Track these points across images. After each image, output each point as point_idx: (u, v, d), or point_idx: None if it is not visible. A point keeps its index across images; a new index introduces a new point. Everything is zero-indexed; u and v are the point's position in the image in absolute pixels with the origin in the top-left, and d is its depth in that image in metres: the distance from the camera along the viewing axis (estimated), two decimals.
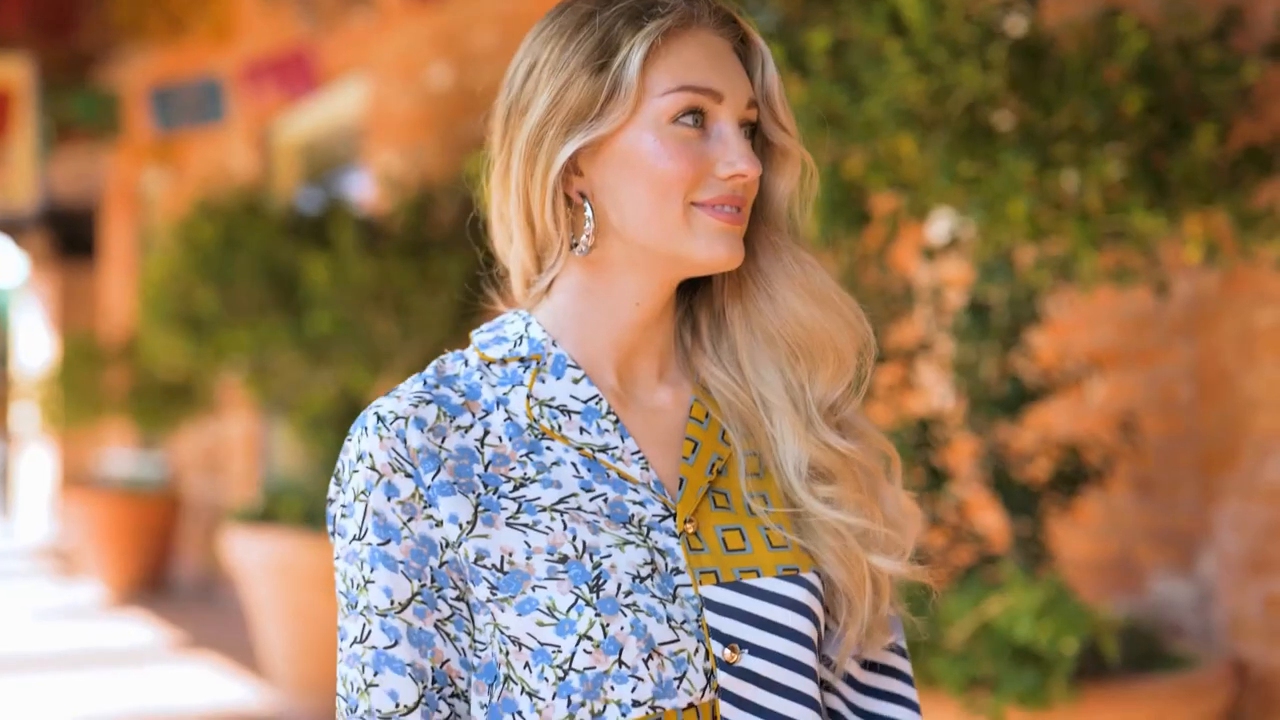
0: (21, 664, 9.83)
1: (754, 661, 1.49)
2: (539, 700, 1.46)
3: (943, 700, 3.49)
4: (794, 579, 1.53)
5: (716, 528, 1.54)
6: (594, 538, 1.48)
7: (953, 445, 4.07)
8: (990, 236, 3.59)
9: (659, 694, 1.45)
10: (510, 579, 1.47)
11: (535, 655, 1.46)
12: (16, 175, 11.29)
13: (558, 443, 1.54)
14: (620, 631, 1.44)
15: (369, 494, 1.49)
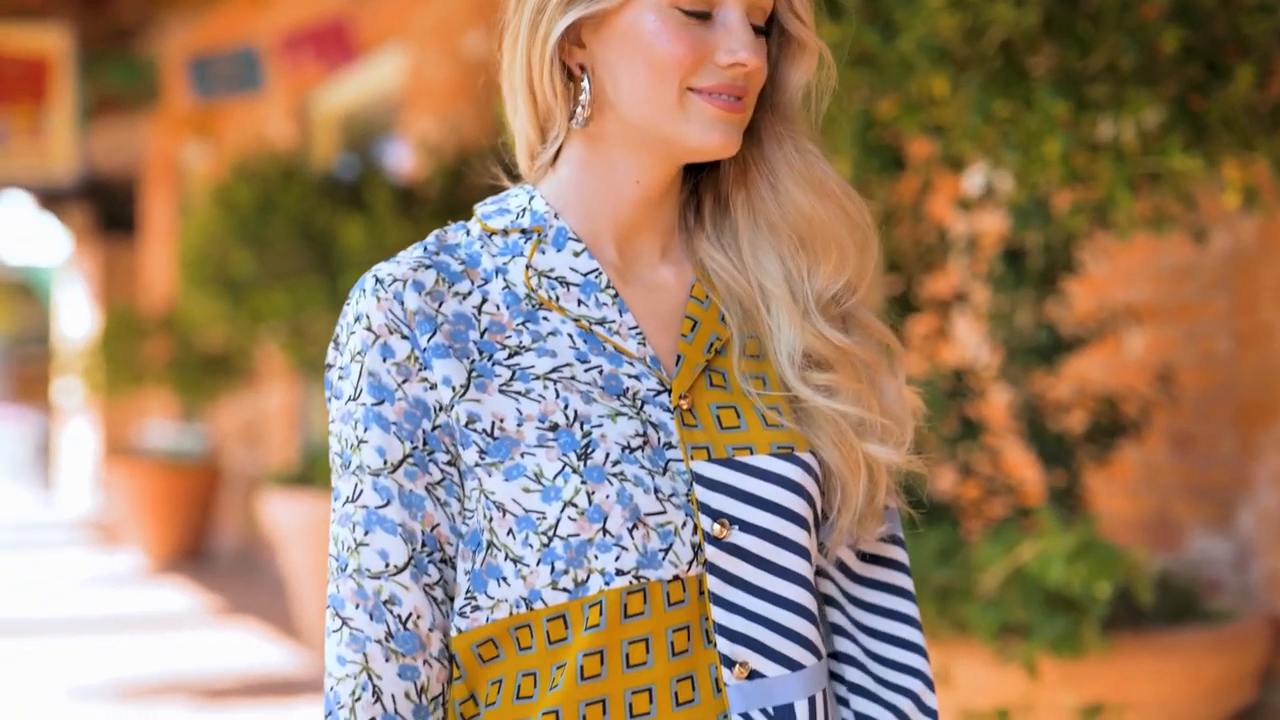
0: (65, 628, 9.92)
1: (744, 538, 1.48)
2: (523, 566, 1.45)
3: (975, 647, 3.46)
4: (788, 457, 1.52)
5: (711, 405, 1.53)
6: (586, 407, 1.48)
7: (987, 396, 4.03)
8: (1025, 179, 3.54)
9: (643, 564, 1.45)
10: (500, 444, 1.46)
11: (519, 522, 1.45)
12: (56, 145, 11.33)
13: (555, 314, 1.53)
14: (605, 500, 1.44)
15: (364, 354, 1.49)
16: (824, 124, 3.89)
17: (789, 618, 1.50)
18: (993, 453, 3.95)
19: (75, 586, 11.85)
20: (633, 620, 1.45)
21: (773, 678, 1.48)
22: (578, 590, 1.45)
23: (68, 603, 11.07)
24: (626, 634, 1.45)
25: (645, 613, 1.45)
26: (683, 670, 1.46)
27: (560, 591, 1.45)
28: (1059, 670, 3.40)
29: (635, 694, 1.45)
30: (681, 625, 1.46)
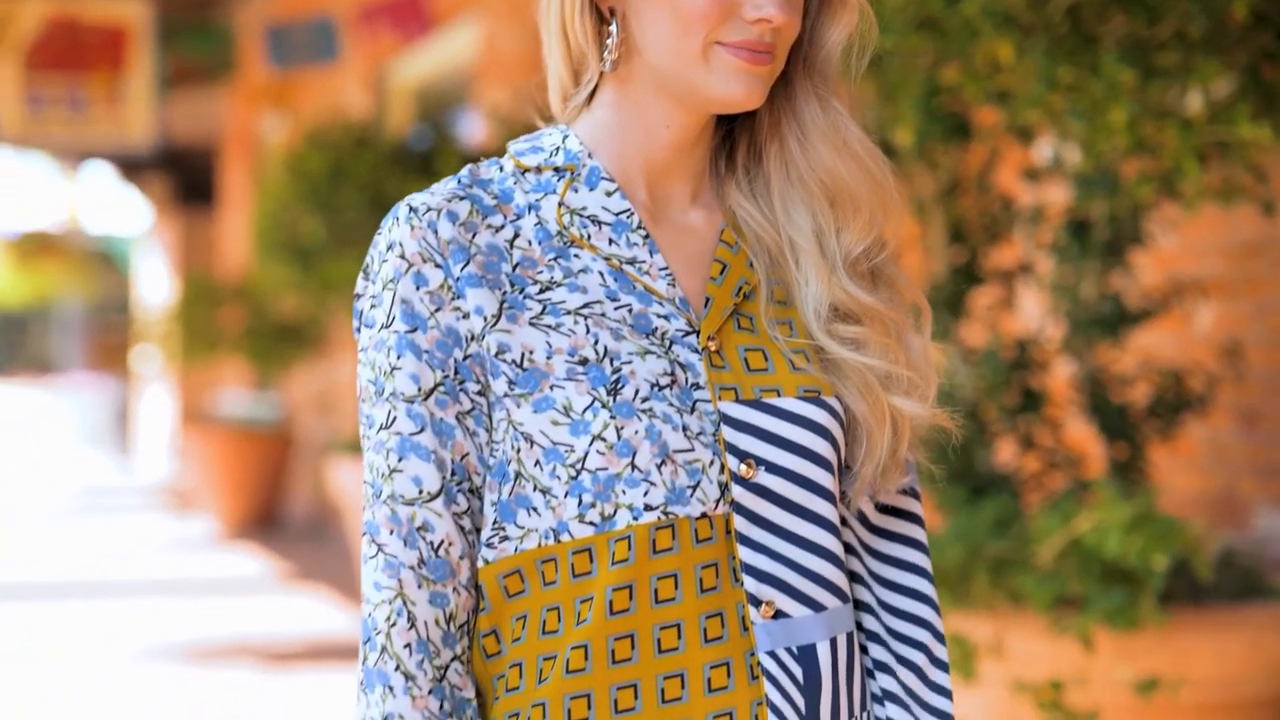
0: (137, 591, 10.06)
1: (770, 479, 1.50)
2: (551, 498, 1.47)
3: (1030, 619, 3.43)
4: (815, 401, 1.53)
5: (739, 347, 1.54)
6: (616, 344, 1.49)
7: (1051, 369, 3.99)
8: (1090, 148, 3.50)
9: (671, 500, 1.46)
10: (529, 375, 1.48)
11: (547, 454, 1.47)
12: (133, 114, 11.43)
13: (586, 252, 1.54)
14: (635, 435, 1.45)
15: (397, 282, 1.49)
16: (888, 91, 3.88)
17: (813, 560, 1.52)
18: (1054, 425, 3.91)
19: (149, 551, 12.01)
20: (662, 556, 1.46)
21: (797, 618, 1.50)
22: (604, 525, 1.46)
23: (141, 567, 11.22)
24: (655, 569, 1.46)
25: (674, 548, 1.46)
26: (711, 607, 1.47)
27: (587, 525, 1.46)
28: (1115, 643, 3.36)
29: (664, 629, 1.46)
30: (710, 562, 1.48)
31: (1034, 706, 3.36)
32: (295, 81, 12.99)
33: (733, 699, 1.46)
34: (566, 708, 1.45)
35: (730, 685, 1.47)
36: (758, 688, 1.47)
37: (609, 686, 1.45)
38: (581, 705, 1.45)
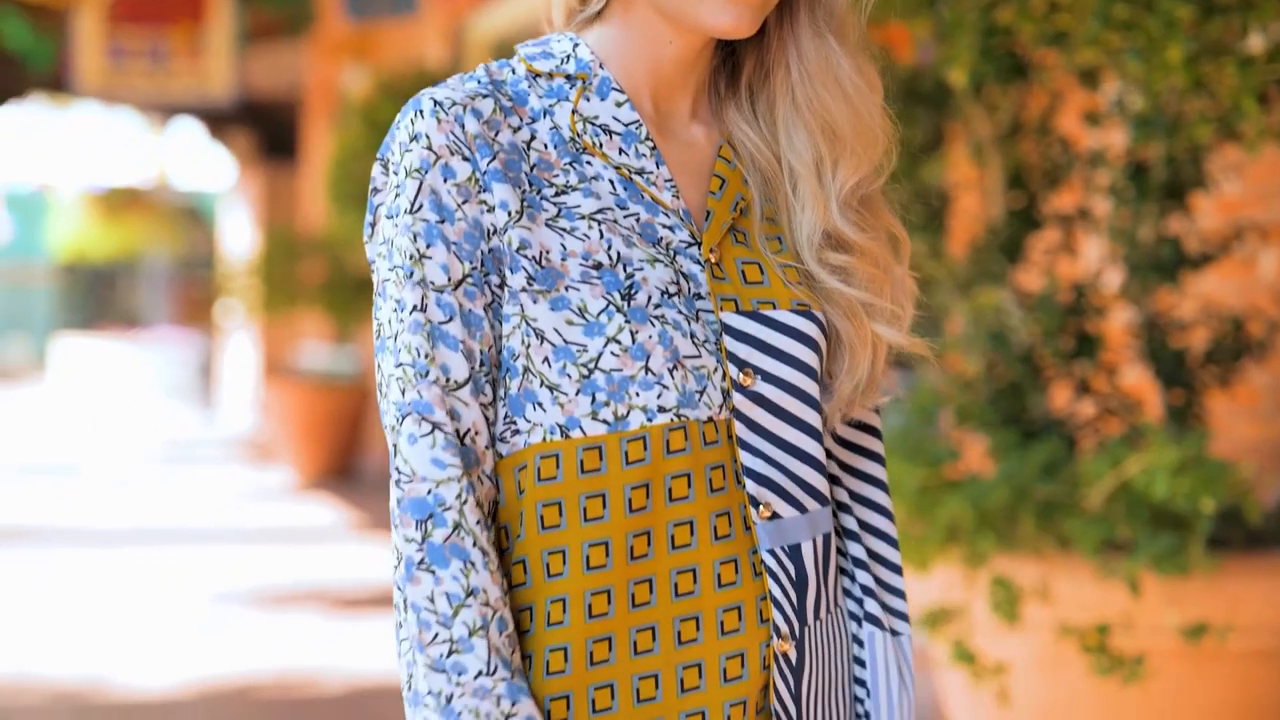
0: (214, 538, 10.21)
1: (766, 387, 1.56)
2: (560, 394, 1.50)
3: (1077, 563, 3.40)
4: (806, 314, 1.60)
5: (737, 260, 1.60)
6: (628, 250, 1.53)
7: (1108, 314, 3.94)
8: (1147, 87, 3.45)
9: (683, 403, 1.52)
10: (547, 274, 1.51)
11: (557, 351, 1.50)
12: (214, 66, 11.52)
13: (597, 160, 1.58)
14: (649, 340, 1.50)
15: (426, 173, 1.51)
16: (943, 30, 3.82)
17: (801, 466, 1.59)
18: (1110, 371, 3.86)
19: (228, 500, 12.17)
20: (675, 456, 1.51)
21: (787, 519, 1.57)
22: (618, 424, 1.50)
23: (220, 515, 11.38)
24: (670, 469, 1.51)
25: (686, 449, 1.52)
26: (720, 506, 1.53)
27: (600, 423, 1.50)
28: (1163, 588, 3.33)
29: (678, 526, 1.51)
30: (717, 464, 1.54)
31: (1079, 650, 3.33)
32: (374, 35, 13.04)
33: (740, 594, 1.53)
34: (587, 603, 1.48)
35: (738, 581, 1.53)
36: (761, 584, 1.55)
37: (627, 582, 1.49)
38: (602, 600, 1.49)
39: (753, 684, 1.53)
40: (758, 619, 1.54)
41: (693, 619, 1.51)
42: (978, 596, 3.47)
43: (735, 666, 1.52)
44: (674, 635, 1.51)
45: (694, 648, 1.51)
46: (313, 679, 6.46)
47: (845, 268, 1.62)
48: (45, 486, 12.90)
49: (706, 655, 1.52)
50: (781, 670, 1.55)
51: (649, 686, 1.50)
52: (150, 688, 6.25)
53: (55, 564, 9.13)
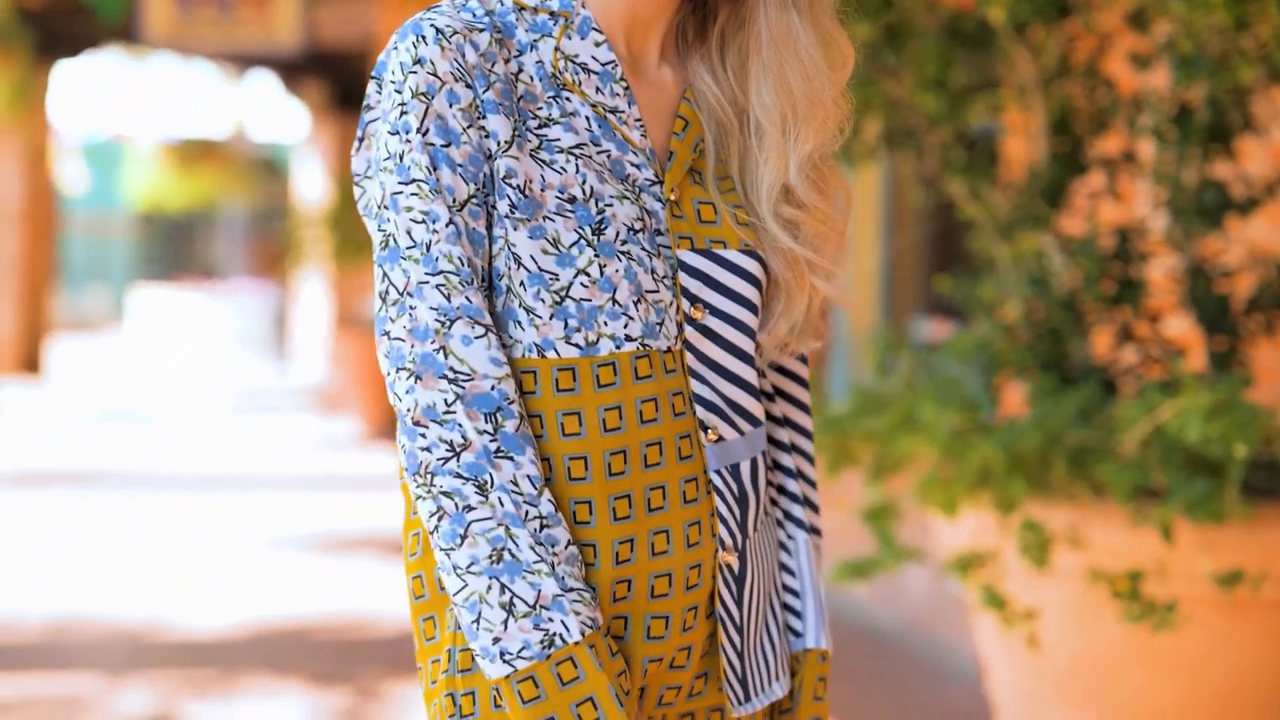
0: (282, 484, 10.35)
1: (714, 321, 1.70)
2: (536, 317, 1.62)
3: (1110, 510, 3.37)
4: (752, 254, 1.72)
5: (694, 200, 1.71)
6: (600, 186, 1.64)
7: (1152, 260, 3.89)
8: (1189, 26, 3.39)
9: (646, 333, 1.64)
10: (529, 203, 1.61)
11: (532, 277, 1.61)
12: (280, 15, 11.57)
13: (576, 96, 1.67)
14: (615, 274, 1.63)
15: (432, 97, 1.59)
16: None
17: (740, 394, 1.72)
18: (1153, 317, 3.81)
19: (295, 449, 12.30)
20: (643, 382, 1.65)
21: (729, 441, 1.71)
22: (589, 349, 1.62)
23: (287, 463, 11.50)
24: (639, 393, 1.64)
25: (652, 376, 1.65)
26: (682, 429, 1.67)
27: (572, 346, 1.62)
28: (1196, 536, 3.29)
29: (649, 446, 1.65)
30: (677, 390, 1.67)
31: (1111, 597, 3.29)
32: None
33: (698, 510, 1.67)
34: (572, 510, 1.62)
35: (697, 498, 1.68)
36: (711, 501, 1.69)
37: (607, 496, 1.62)
38: (584, 510, 1.62)
39: (704, 591, 1.68)
40: (710, 533, 1.68)
41: (664, 532, 1.65)
42: (1009, 542, 3.45)
43: (694, 576, 1.67)
44: (648, 547, 1.64)
45: (665, 559, 1.65)
46: (367, 622, 6.52)
47: (795, 222, 1.74)
48: (120, 433, 13.08)
49: (675, 566, 1.65)
50: (726, 579, 1.70)
51: (622, 589, 1.64)
52: (207, 628, 6.33)
53: (123, 508, 9.26)
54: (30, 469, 10.78)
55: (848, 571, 3.64)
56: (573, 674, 1.55)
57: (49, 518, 8.86)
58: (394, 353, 1.59)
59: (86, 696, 5.28)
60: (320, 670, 5.68)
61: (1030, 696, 3.64)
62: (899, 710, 5.34)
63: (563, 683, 1.55)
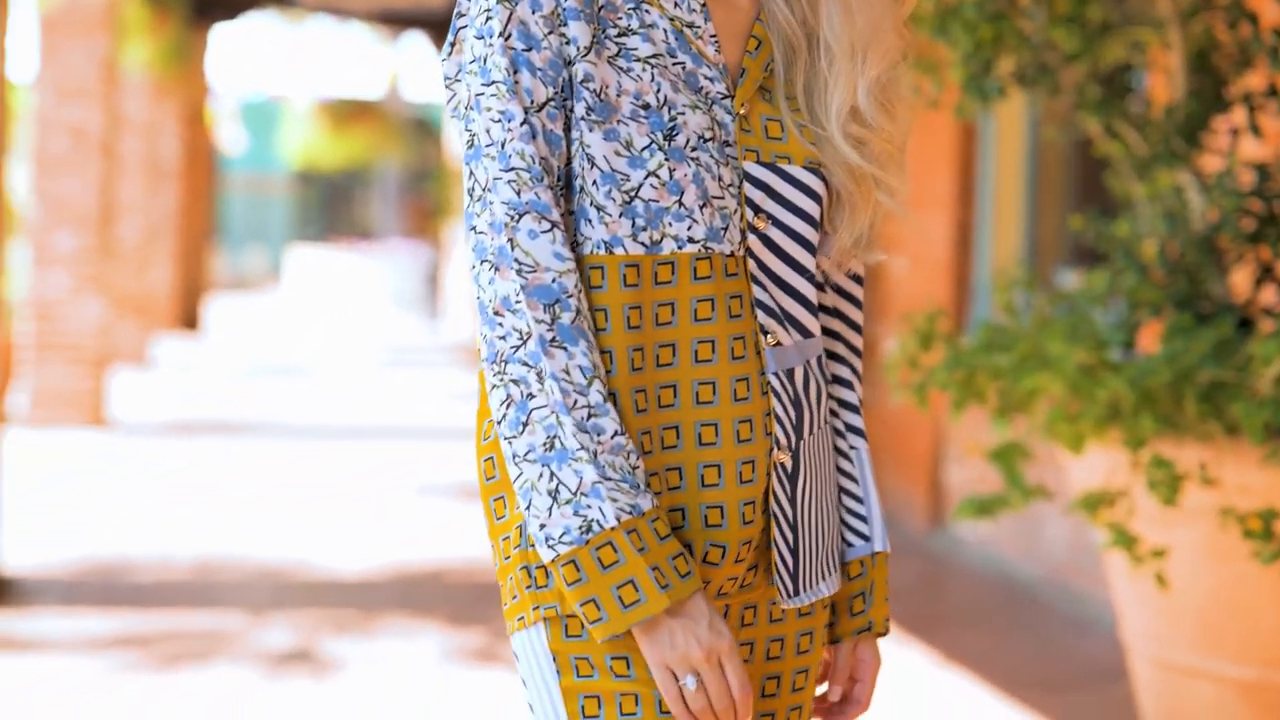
0: (430, 435, 10.55)
1: (775, 232, 1.78)
2: (606, 215, 1.71)
3: (1243, 450, 3.29)
4: (815, 172, 1.79)
5: (762, 116, 1.79)
6: (674, 95, 1.73)
7: None
8: None
9: (709, 236, 1.73)
10: (603, 107, 1.70)
11: (604, 177, 1.71)
12: None
13: (655, 10, 1.75)
14: (684, 178, 1.71)
15: (515, 3, 1.69)
16: None
17: (796, 305, 1.80)
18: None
19: (444, 402, 12.47)
20: (701, 282, 1.73)
21: (786, 346, 1.78)
22: (653, 247, 1.72)
23: (434, 415, 11.67)
24: (696, 292, 1.73)
25: (711, 277, 1.74)
26: (737, 331, 1.75)
27: (638, 244, 1.71)
28: None
29: (700, 343, 1.73)
30: (735, 294, 1.75)
31: (1242, 537, 3.22)
32: None
33: (750, 409, 1.75)
34: (632, 399, 1.71)
35: (749, 397, 1.75)
36: (767, 401, 1.76)
37: (655, 385, 1.72)
38: (641, 398, 1.71)
39: (759, 488, 1.75)
40: (764, 432, 1.76)
41: (712, 425, 1.73)
42: (1138, 480, 3.38)
43: (748, 471, 1.74)
44: (695, 437, 1.72)
45: (713, 450, 1.73)
46: None
47: (863, 140, 1.80)
48: (273, 386, 13.36)
49: (724, 459, 1.73)
50: (779, 477, 1.77)
51: (674, 477, 1.72)
52: (348, 570, 6.45)
53: (273, 456, 9.46)
54: (185, 419, 11.05)
55: (972, 508, 3.60)
56: (613, 558, 1.63)
57: (201, 465, 9.09)
58: (478, 246, 1.70)
59: (231, 632, 5.40)
60: (456, 611, 5.76)
61: (1160, 639, 3.58)
62: (1037, 659, 5.29)
63: (603, 566, 1.63)
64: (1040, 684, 5.00)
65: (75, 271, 10.11)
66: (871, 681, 1.88)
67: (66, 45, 10.00)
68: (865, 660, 1.88)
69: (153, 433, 10.25)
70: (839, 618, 1.89)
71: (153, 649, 5.15)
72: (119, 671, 4.87)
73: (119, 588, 6.05)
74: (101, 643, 5.20)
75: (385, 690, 4.77)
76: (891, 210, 1.85)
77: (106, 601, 5.78)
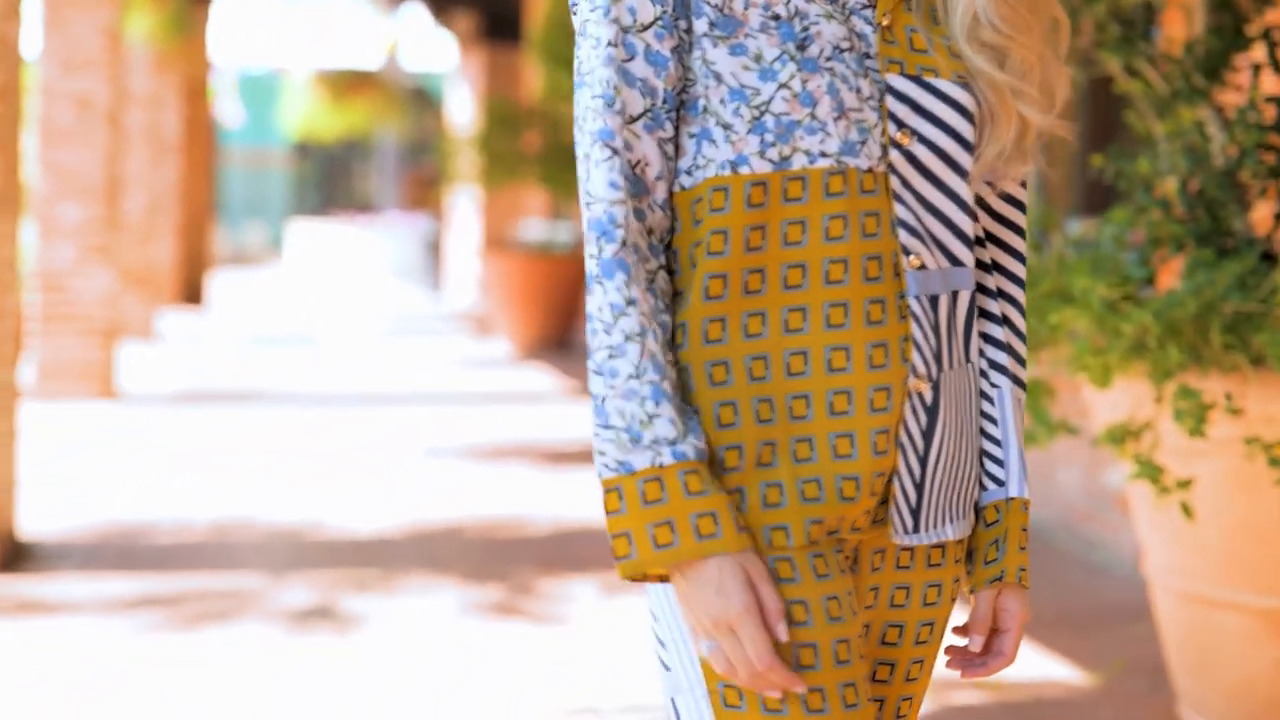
0: (436, 400, 10.56)
1: (920, 149, 1.68)
2: (733, 133, 1.64)
3: (1268, 378, 3.30)
4: (965, 86, 1.71)
5: (906, 28, 1.70)
6: (805, 5, 1.66)
7: None
8: None
9: (843, 150, 1.64)
10: (728, 20, 1.65)
11: (733, 93, 1.64)
12: None
13: None
14: (817, 89, 1.64)
15: None
16: None
17: (942, 228, 1.70)
18: None
19: (448, 369, 12.48)
20: (833, 199, 1.64)
21: (930, 270, 1.69)
22: (782, 164, 1.64)
23: (439, 381, 11.68)
24: (827, 209, 1.64)
25: (844, 193, 1.64)
26: (872, 250, 1.65)
27: (766, 161, 1.63)
28: None
29: (832, 263, 1.64)
30: (872, 212, 1.66)
31: (1267, 465, 3.24)
32: None
33: (885, 332, 1.65)
34: (744, 323, 1.63)
35: (884, 320, 1.65)
36: (905, 325, 1.66)
37: (780, 308, 1.64)
38: (757, 322, 1.64)
39: (893, 416, 1.65)
40: (900, 358, 1.65)
41: (843, 349, 1.63)
42: (1164, 413, 3.40)
43: (881, 398, 1.65)
44: (824, 362, 1.63)
45: (844, 376, 1.63)
46: (518, 523, 6.61)
47: (999, 48, 1.72)
48: (279, 356, 13.37)
49: (856, 384, 1.64)
50: (915, 407, 1.67)
51: (801, 405, 1.63)
52: (364, 529, 6.47)
53: (283, 423, 9.47)
54: (194, 389, 11.06)
55: None
56: (614, 505, 1.57)
57: (212, 433, 9.10)
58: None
59: (252, 591, 5.42)
60: (474, 568, 5.78)
61: (1184, 572, 3.60)
62: (1056, 602, 5.31)
63: (608, 511, 1.58)
64: (1062, 623, 5.02)
65: (82, 243, 10.08)
66: (1016, 633, 1.76)
67: (71, 16, 9.97)
68: (1009, 610, 1.76)
69: (163, 403, 10.25)
70: (973, 566, 1.77)
71: (176, 609, 5.17)
72: (144, 631, 4.89)
73: (139, 551, 6.07)
74: (125, 604, 5.22)
75: (408, 644, 4.79)
76: (1038, 122, 1.74)
77: (127, 565, 5.79)
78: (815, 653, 1.60)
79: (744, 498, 1.62)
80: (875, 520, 1.68)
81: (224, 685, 4.39)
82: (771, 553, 1.61)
